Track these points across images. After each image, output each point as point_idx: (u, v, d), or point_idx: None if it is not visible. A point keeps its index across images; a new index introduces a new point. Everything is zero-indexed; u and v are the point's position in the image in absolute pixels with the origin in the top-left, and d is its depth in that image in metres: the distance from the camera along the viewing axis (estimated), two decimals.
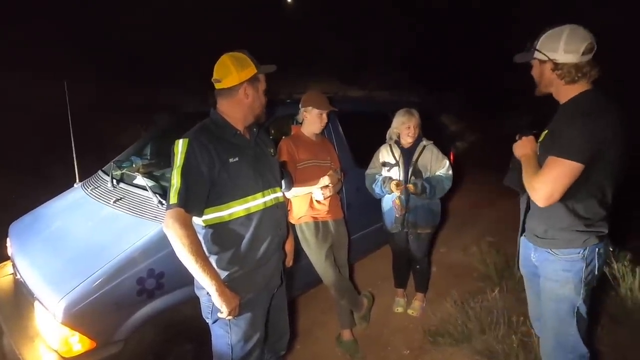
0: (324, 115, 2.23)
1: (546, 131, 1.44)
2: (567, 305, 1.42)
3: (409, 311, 2.70)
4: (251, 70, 1.39)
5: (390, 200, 2.49)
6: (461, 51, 11.23)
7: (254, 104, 1.44)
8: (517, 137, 1.56)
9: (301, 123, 2.33)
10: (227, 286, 1.35)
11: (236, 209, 1.38)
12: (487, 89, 10.38)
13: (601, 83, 1.38)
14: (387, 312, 2.73)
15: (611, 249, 1.49)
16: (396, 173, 2.47)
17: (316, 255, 2.24)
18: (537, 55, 1.39)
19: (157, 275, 1.71)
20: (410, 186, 2.36)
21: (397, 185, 2.36)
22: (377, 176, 2.53)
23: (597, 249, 1.38)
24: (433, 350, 2.25)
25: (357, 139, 2.97)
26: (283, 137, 2.32)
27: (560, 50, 1.31)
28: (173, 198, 1.27)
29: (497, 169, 1.71)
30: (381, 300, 2.83)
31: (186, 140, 1.32)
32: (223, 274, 1.38)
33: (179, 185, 1.27)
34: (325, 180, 2.11)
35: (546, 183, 1.28)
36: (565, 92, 1.38)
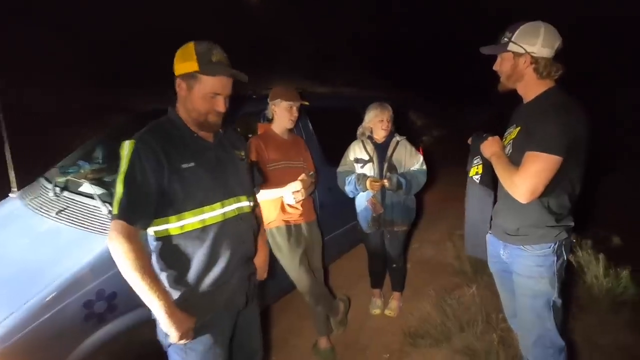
0: (294, 109, 2.09)
1: (518, 128, 1.42)
2: (543, 300, 1.42)
3: (387, 312, 2.63)
4: (189, 65, 1.19)
5: (365, 199, 2.40)
6: (426, 48, 11.44)
7: (186, 104, 1.24)
8: (469, 141, 1.63)
9: (270, 120, 2.18)
10: (179, 307, 1.18)
11: (189, 221, 1.21)
12: (451, 84, 10.66)
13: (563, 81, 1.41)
14: (364, 314, 2.65)
15: (574, 240, 1.51)
16: (370, 169, 2.38)
17: (289, 260, 2.10)
18: (512, 47, 1.37)
19: (108, 297, 1.50)
20: (386, 181, 2.28)
21: (373, 182, 2.26)
22: (349, 174, 2.43)
23: (564, 242, 1.41)
24: (413, 353, 2.18)
25: (328, 135, 2.86)
26: (250, 136, 2.16)
27: (539, 45, 1.32)
28: (115, 208, 1.12)
29: (463, 164, 1.75)
30: (357, 302, 2.74)
31: (132, 142, 1.15)
32: (175, 294, 1.21)
33: (120, 194, 1.12)
34: (296, 185, 1.98)
35: (529, 179, 1.28)
36: (534, 88, 1.39)
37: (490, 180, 1.57)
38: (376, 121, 2.37)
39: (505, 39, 1.38)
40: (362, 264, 2.82)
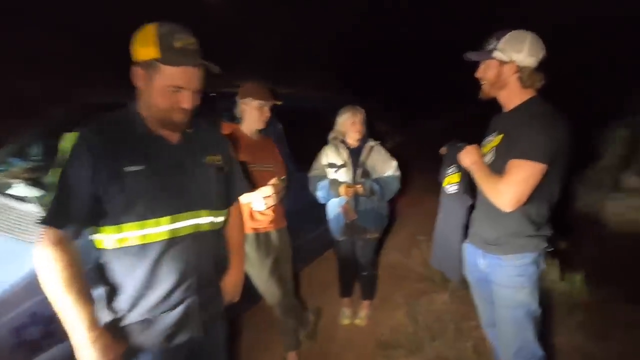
0: (266, 108, 1.95)
1: (501, 135, 1.41)
2: (524, 310, 1.41)
3: (357, 321, 2.55)
4: (148, 52, 0.99)
5: (337, 206, 2.32)
6: (384, 53, 11.66)
7: (145, 98, 1.04)
8: (442, 151, 1.61)
9: (232, 120, 2.03)
10: (109, 331, 1.01)
11: (128, 235, 1.01)
12: (408, 90, 10.96)
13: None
14: (334, 325, 2.55)
15: (551, 249, 1.52)
16: (344, 175, 2.30)
17: (258, 272, 1.95)
18: (498, 55, 1.35)
19: (44, 320, 1.26)
20: (359, 187, 2.21)
21: (347, 188, 2.18)
22: (322, 179, 2.33)
23: (543, 252, 1.41)
24: None
25: (296, 138, 2.75)
26: None
27: (524, 54, 1.31)
28: (44, 210, 0.96)
29: (420, 168, 1.77)
30: (326, 311, 2.64)
31: (74, 135, 0.97)
32: (105, 317, 1.03)
33: (51, 195, 0.96)
34: (267, 190, 1.84)
35: (514, 186, 1.26)
36: (516, 97, 1.38)
37: (469, 189, 1.55)
38: (349, 124, 2.30)
39: (491, 46, 1.37)
40: (329, 273, 2.73)
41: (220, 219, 1.20)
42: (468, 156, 1.44)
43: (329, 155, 2.36)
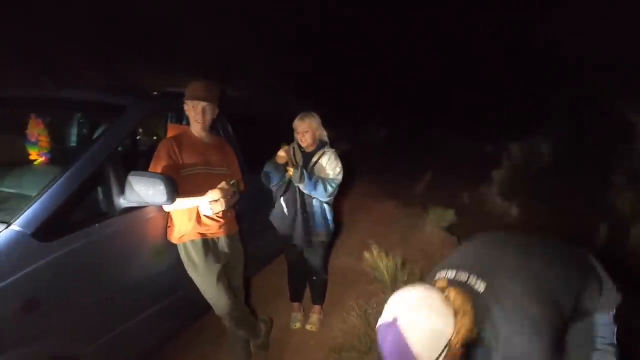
0: (200, 109, 1.84)
1: None
2: None
3: (307, 326, 2.52)
4: None
5: (281, 210, 2.31)
6: (330, 61, 11.87)
7: None
8: None
9: (180, 121, 1.93)
10: None
11: None
12: (352, 100, 11.26)
13: None
14: (285, 331, 2.49)
15: None
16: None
17: (206, 279, 1.84)
18: None
19: None
20: (290, 170, 2.17)
21: (284, 151, 2.14)
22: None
23: None
24: None
25: (249, 142, 2.68)
26: (155, 138, 1.87)
27: None
28: None
29: (368, 173, 1.84)
30: (278, 319, 2.58)
31: None
32: None
33: None
34: (214, 194, 1.76)
35: None
36: None
37: None
38: (295, 133, 2.30)
39: None
40: (281, 279, 2.67)
41: None
42: None
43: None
